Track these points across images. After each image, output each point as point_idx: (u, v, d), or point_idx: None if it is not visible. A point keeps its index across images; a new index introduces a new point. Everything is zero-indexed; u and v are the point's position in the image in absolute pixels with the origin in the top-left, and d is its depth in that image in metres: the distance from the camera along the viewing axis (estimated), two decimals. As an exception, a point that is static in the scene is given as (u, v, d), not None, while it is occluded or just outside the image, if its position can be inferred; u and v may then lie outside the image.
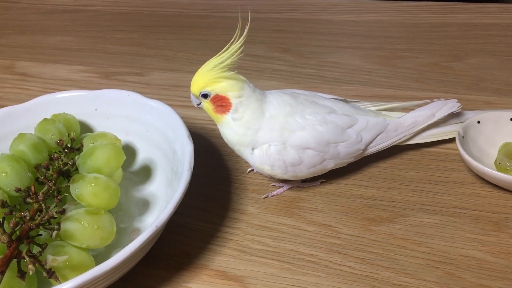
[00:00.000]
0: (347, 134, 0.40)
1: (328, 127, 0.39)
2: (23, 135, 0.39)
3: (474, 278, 0.34)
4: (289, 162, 0.39)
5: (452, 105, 0.44)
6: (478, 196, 0.40)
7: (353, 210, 0.40)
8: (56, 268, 0.31)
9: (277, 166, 0.39)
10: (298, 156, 0.39)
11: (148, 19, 0.78)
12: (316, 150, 0.39)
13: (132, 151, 0.45)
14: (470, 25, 0.66)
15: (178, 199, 0.34)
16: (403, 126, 0.42)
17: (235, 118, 0.38)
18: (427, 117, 0.43)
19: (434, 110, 0.43)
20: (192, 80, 0.39)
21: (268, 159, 0.39)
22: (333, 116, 0.40)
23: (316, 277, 0.35)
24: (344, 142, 0.40)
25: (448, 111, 0.43)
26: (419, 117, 0.43)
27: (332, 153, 0.40)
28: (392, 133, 0.42)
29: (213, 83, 0.38)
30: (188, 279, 0.36)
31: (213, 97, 0.38)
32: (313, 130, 0.39)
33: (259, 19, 0.74)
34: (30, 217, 0.33)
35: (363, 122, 0.41)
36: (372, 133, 0.41)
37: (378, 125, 0.41)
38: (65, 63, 0.67)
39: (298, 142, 0.39)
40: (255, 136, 0.39)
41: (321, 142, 0.39)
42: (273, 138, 0.39)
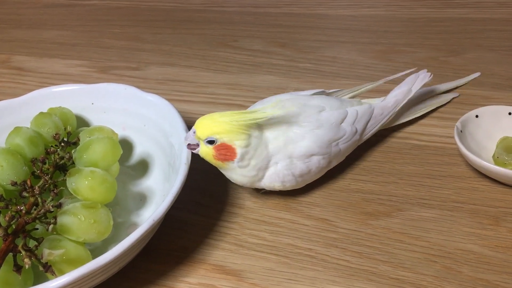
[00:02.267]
0: (342, 129, 0.40)
1: (325, 128, 0.39)
2: (19, 128, 0.39)
3: (472, 272, 0.34)
4: (298, 174, 0.39)
5: (424, 76, 0.46)
6: (476, 190, 0.40)
7: (350, 204, 0.40)
8: (52, 262, 0.31)
9: (288, 181, 0.39)
10: (305, 166, 0.38)
11: (145, 14, 0.78)
12: (320, 154, 0.39)
13: (129, 145, 0.45)
14: (468, 20, 0.66)
15: (175, 193, 0.34)
16: (388, 107, 0.44)
17: (242, 165, 0.37)
18: (406, 93, 0.45)
19: (409, 85, 0.45)
20: (200, 122, 0.36)
21: (278, 177, 0.38)
22: (325, 115, 0.39)
23: (314, 271, 0.35)
24: (342, 138, 0.40)
25: (422, 83, 0.46)
26: (398, 96, 0.44)
27: (334, 152, 0.40)
28: (379, 116, 0.43)
29: (224, 132, 0.36)
30: (185, 274, 0.36)
31: (218, 145, 0.36)
32: (313, 136, 0.38)
33: (257, 14, 0.74)
34: (26, 211, 0.33)
35: (353, 113, 0.41)
36: (363, 121, 0.42)
37: (366, 112, 0.42)
38: (62, 58, 0.67)
39: (302, 152, 0.38)
40: (266, 169, 0.38)
41: (323, 144, 0.39)
42: (279, 157, 0.38)
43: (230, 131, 0.36)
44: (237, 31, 0.70)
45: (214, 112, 0.37)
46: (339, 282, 0.34)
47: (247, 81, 0.58)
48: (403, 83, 0.46)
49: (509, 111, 0.43)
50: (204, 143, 0.36)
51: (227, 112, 0.37)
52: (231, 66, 0.61)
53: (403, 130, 0.47)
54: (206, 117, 0.37)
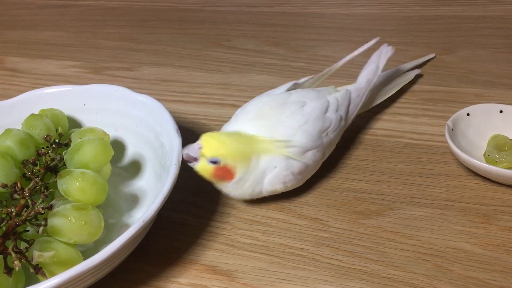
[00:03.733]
0: (328, 119, 0.40)
1: (312, 122, 0.39)
2: (10, 130, 0.39)
3: (462, 270, 0.34)
4: (297, 172, 0.39)
5: (386, 50, 0.48)
6: (467, 188, 0.40)
7: (342, 204, 0.40)
8: (43, 264, 0.31)
9: (289, 181, 0.39)
10: (302, 163, 0.39)
11: (138, 14, 0.78)
12: (313, 148, 0.39)
13: (121, 146, 0.45)
14: (461, 18, 0.66)
15: (166, 194, 0.34)
16: (362, 88, 0.45)
17: (237, 186, 0.37)
18: (375, 70, 0.46)
19: (376, 62, 0.47)
20: (209, 141, 0.36)
21: (278, 179, 0.38)
22: (307, 109, 0.40)
23: (305, 270, 0.35)
24: (330, 127, 0.40)
25: (386, 57, 0.47)
26: (369, 75, 0.46)
27: (326, 142, 0.40)
28: (357, 99, 0.44)
29: (230, 156, 0.36)
30: (177, 274, 0.36)
31: (220, 166, 0.36)
32: (302, 132, 0.39)
33: (250, 13, 0.74)
34: (16, 213, 0.33)
35: (334, 101, 0.41)
36: (344, 106, 0.42)
37: (345, 98, 0.43)
38: (55, 59, 0.67)
39: (296, 149, 0.38)
40: (263, 184, 0.38)
41: (314, 138, 0.39)
42: (277, 160, 0.38)
43: (238, 156, 0.36)
44: (230, 30, 0.70)
45: (223, 133, 0.38)
46: (330, 281, 0.35)
47: (240, 80, 0.58)
48: (369, 62, 0.47)
49: (501, 109, 0.43)
50: (206, 161, 0.36)
51: (239, 136, 0.37)
52: (224, 66, 0.61)
53: (395, 129, 0.47)
54: (215, 136, 0.37)
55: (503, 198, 0.39)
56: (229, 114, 0.42)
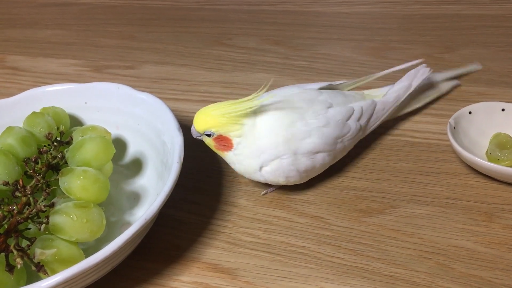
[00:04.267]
0: (348, 126, 0.40)
1: (332, 126, 0.39)
2: (12, 128, 0.39)
3: (464, 268, 0.34)
4: (302, 170, 0.39)
5: (424, 71, 0.46)
6: (469, 186, 0.40)
7: (344, 202, 0.40)
8: (45, 262, 0.31)
9: (292, 176, 0.39)
10: (310, 162, 0.39)
11: (139, 12, 0.78)
12: (325, 151, 0.39)
13: (122, 144, 0.45)
14: (463, 16, 0.66)
15: (168, 192, 0.34)
16: (389, 102, 0.44)
17: (237, 154, 0.38)
18: (406, 88, 0.45)
19: (410, 80, 0.45)
20: (197, 117, 0.38)
21: (283, 172, 0.38)
22: (332, 112, 0.39)
23: (307, 268, 0.35)
24: (347, 135, 0.40)
25: (422, 78, 0.46)
26: (399, 91, 0.45)
27: (339, 148, 0.40)
28: (381, 112, 0.43)
29: (218, 126, 0.37)
30: (179, 272, 0.36)
31: (216, 137, 0.38)
32: (320, 133, 0.38)
33: (251, 11, 0.74)
34: (18, 211, 0.33)
35: (358, 109, 0.41)
36: (366, 117, 0.42)
37: (369, 108, 0.42)
38: (56, 57, 0.67)
39: (308, 149, 0.38)
40: (259, 159, 0.38)
41: (329, 141, 0.39)
42: (281, 152, 0.38)
43: (225, 124, 0.37)
44: (231, 29, 0.70)
45: (209, 105, 0.38)
46: (332, 279, 0.35)
47: (241, 79, 0.58)
48: (403, 78, 0.46)
49: (502, 107, 0.43)
50: (204, 136, 0.38)
51: (221, 103, 0.38)
52: (225, 64, 0.61)
53: (397, 127, 0.47)
54: (201, 111, 0.38)
55: (505, 196, 0.39)
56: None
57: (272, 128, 0.38)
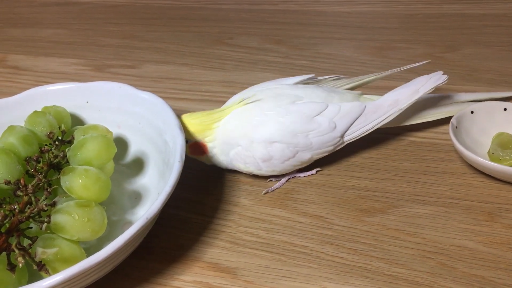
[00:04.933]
0: (316, 122, 0.39)
1: (292, 117, 0.39)
2: (13, 127, 0.39)
3: (466, 268, 0.34)
4: (259, 158, 0.40)
5: (437, 78, 0.42)
6: (471, 186, 0.40)
7: (346, 201, 0.40)
8: (46, 261, 0.31)
9: (250, 163, 0.40)
10: (266, 151, 0.39)
11: (141, 12, 0.78)
12: (283, 143, 0.39)
13: (124, 144, 0.45)
14: (465, 16, 0.66)
15: (169, 191, 0.34)
16: (383, 106, 0.41)
17: (212, 155, 0.42)
18: (411, 94, 0.41)
19: (417, 86, 0.41)
20: None
21: (239, 157, 0.40)
22: (297, 105, 0.39)
23: (308, 268, 0.35)
24: (314, 131, 0.39)
25: (433, 85, 0.41)
26: (400, 95, 0.41)
27: (303, 144, 0.40)
28: (371, 115, 0.40)
29: (195, 133, 0.41)
30: (180, 271, 0.36)
31: (192, 143, 0.41)
32: (276, 123, 0.39)
33: (253, 11, 0.74)
34: (19, 210, 0.33)
35: (334, 108, 0.39)
36: (348, 119, 0.40)
37: (353, 109, 0.40)
38: (58, 56, 0.67)
39: (262, 137, 0.39)
40: (229, 155, 0.41)
41: (286, 133, 0.39)
42: (240, 141, 0.40)
43: (201, 131, 0.41)
44: (233, 28, 0.70)
45: (186, 114, 0.42)
46: (333, 279, 0.34)
47: (243, 78, 0.58)
48: (410, 82, 0.42)
49: (505, 107, 0.43)
50: None
51: (197, 113, 0.42)
52: (226, 64, 0.61)
53: (398, 126, 0.47)
54: (182, 119, 0.41)
55: (507, 196, 0.39)
56: (232, 112, 0.42)
57: (235, 124, 0.40)
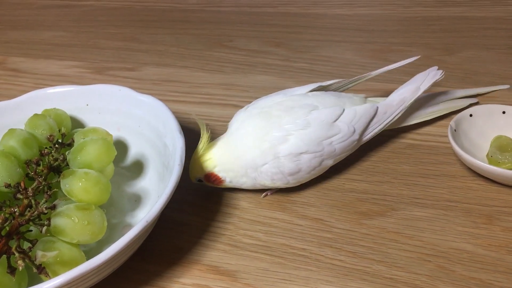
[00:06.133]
0: (336, 127, 0.39)
1: (313, 126, 0.38)
2: (13, 130, 0.39)
3: (465, 271, 0.34)
4: (287, 173, 0.39)
5: (434, 73, 0.44)
6: (470, 189, 0.40)
7: (345, 204, 0.40)
8: (46, 264, 0.31)
9: (277, 179, 0.39)
10: (295, 165, 0.38)
11: (141, 14, 0.78)
12: (309, 153, 0.39)
13: (124, 146, 0.45)
14: (464, 18, 0.66)
15: (169, 194, 0.34)
16: (392, 106, 0.42)
17: (232, 181, 0.40)
18: (413, 91, 0.43)
19: (418, 83, 0.43)
20: None
21: (266, 175, 0.39)
22: (315, 114, 0.39)
23: (307, 271, 0.35)
24: (336, 136, 0.39)
25: (432, 81, 0.43)
26: (405, 93, 0.43)
27: (328, 151, 0.39)
28: (383, 115, 0.42)
29: (198, 172, 0.40)
30: (180, 274, 0.36)
31: (205, 179, 0.40)
32: (299, 135, 0.38)
33: (253, 14, 0.74)
34: (19, 213, 0.33)
35: (350, 112, 0.40)
36: (363, 121, 0.40)
37: (367, 111, 0.41)
38: (57, 59, 0.67)
39: (288, 151, 0.38)
40: (251, 176, 0.39)
41: (311, 142, 0.38)
42: (264, 160, 0.38)
43: (199, 167, 0.39)
44: (232, 31, 0.70)
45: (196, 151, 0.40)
46: (332, 282, 0.35)
47: (242, 81, 0.58)
48: (411, 80, 0.44)
49: (503, 110, 0.43)
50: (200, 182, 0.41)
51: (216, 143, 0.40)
52: (226, 66, 0.61)
53: (397, 129, 0.47)
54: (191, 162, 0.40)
55: (505, 199, 0.39)
56: (231, 115, 0.42)
57: (248, 144, 0.39)
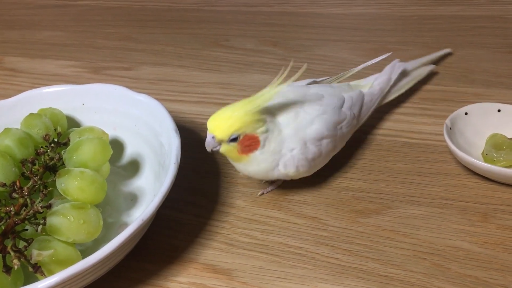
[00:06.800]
0: (343, 113, 0.41)
1: (330, 112, 0.40)
2: (9, 130, 0.39)
3: (460, 268, 0.34)
4: (311, 158, 0.39)
5: (399, 65, 0.49)
6: (466, 187, 0.40)
7: (341, 203, 0.40)
8: (42, 263, 0.31)
9: (301, 166, 0.39)
10: (317, 149, 0.39)
11: (137, 14, 0.78)
12: (328, 137, 0.40)
13: (120, 145, 0.45)
14: (460, 17, 0.66)
15: (164, 193, 0.34)
16: (375, 94, 0.46)
17: (264, 151, 0.38)
18: (387, 81, 0.47)
19: (388, 74, 0.48)
20: (216, 124, 0.37)
21: (293, 161, 0.38)
22: (326, 101, 0.40)
23: (304, 269, 0.35)
24: (345, 121, 0.41)
25: (399, 71, 0.49)
26: (382, 84, 0.47)
27: (339, 135, 0.41)
28: (370, 103, 0.45)
29: (245, 125, 0.36)
30: (176, 273, 0.36)
31: (242, 139, 0.37)
32: (321, 120, 0.39)
33: (249, 13, 0.74)
34: (15, 212, 0.33)
35: (348, 98, 0.42)
36: (358, 106, 0.43)
37: (359, 98, 0.43)
38: (54, 58, 0.67)
39: (313, 135, 0.39)
40: (279, 155, 0.38)
41: (330, 127, 0.40)
42: (294, 143, 0.38)
43: (250, 123, 0.36)
44: (229, 30, 0.70)
45: (220, 110, 0.37)
46: (328, 280, 0.35)
47: (239, 80, 0.58)
48: (383, 72, 0.48)
49: (499, 108, 0.44)
50: (226, 143, 0.37)
51: (236, 104, 0.37)
52: (223, 66, 0.61)
53: (393, 128, 0.47)
54: (219, 117, 0.37)
55: (501, 197, 0.39)
56: (228, 114, 0.42)
57: (283, 121, 0.38)
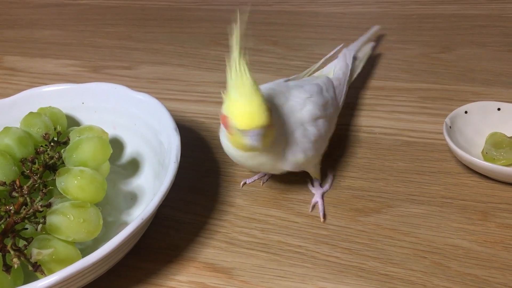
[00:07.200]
0: (326, 96, 0.42)
1: (315, 96, 0.40)
2: (9, 129, 0.39)
3: (460, 267, 0.34)
4: (313, 140, 0.38)
5: (349, 52, 0.52)
6: (465, 186, 0.40)
7: (341, 201, 0.40)
8: (42, 262, 0.31)
9: (308, 149, 0.38)
10: (316, 129, 0.39)
11: (137, 13, 0.78)
12: (322, 117, 0.40)
13: (119, 144, 0.45)
14: (460, 16, 0.66)
15: (164, 192, 0.34)
16: (341, 78, 0.47)
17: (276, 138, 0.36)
18: (346, 67, 0.49)
19: (344, 61, 0.50)
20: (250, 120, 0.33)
21: (298, 146, 0.37)
22: (307, 87, 0.41)
23: (303, 268, 0.35)
24: (329, 103, 0.41)
25: (352, 54, 0.52)
26: (343, 68, 0.49)
27: (329, 115, 0.41)
28: (340, 86, 0.46)
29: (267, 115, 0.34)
30: (175, 272, 0.36)
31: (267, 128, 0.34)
32: (311, 101, 0.39)
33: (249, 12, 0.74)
34: (15, 211, 0.33)
35: (322, 84, 0.43)
36: (331, 90, 0.44)
37: (329, 83, 0.44)
38: (54, 57, 0.67)
39: (309, 116, 0.38)
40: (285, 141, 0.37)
41: (321, 108, 0.40)
42: (293, 126, 0.37)
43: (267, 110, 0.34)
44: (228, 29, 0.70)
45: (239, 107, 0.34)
46: (328, 278, 0.35)
47: (239, 79, 0.58)
48: (338, 59, 0.50)
49: (498, 106, 0.44)
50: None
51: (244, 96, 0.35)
52: (222, 64, 0.60)
53: (393, 127, 0.47)
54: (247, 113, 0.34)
55: (501, 196, 0.39)
56: (228, 112, 0.42)
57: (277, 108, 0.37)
